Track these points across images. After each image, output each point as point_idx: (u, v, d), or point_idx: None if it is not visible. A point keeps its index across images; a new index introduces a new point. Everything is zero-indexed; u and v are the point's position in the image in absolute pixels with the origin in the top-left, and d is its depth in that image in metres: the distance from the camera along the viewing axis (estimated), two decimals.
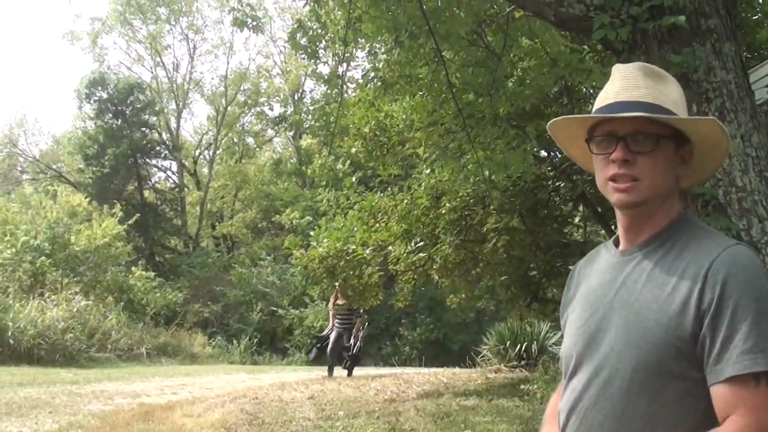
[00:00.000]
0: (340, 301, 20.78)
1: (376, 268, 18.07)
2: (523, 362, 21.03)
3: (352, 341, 21.05)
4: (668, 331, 2.14)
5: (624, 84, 2.37)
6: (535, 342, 21.55)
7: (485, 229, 17.45)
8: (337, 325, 21.29)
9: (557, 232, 18.38)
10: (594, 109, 2.42)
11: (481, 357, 23.49)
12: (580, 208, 17.94)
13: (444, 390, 16.22)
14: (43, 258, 27.81)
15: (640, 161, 2.27)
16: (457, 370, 22.01)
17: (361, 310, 21.92)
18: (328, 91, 13.47)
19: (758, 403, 2.02)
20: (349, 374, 20.62)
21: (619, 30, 6.96)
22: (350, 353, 20.94)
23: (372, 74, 14.07)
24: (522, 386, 16.09)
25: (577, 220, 19.26)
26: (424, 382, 17.62)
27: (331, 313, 22.09)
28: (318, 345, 21.76)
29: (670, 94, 2.35)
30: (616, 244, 2.48)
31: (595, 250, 2.63)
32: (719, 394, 2.08)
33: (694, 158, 2.38)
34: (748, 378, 2.02)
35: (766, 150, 6.75)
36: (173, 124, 54.16)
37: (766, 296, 2.09)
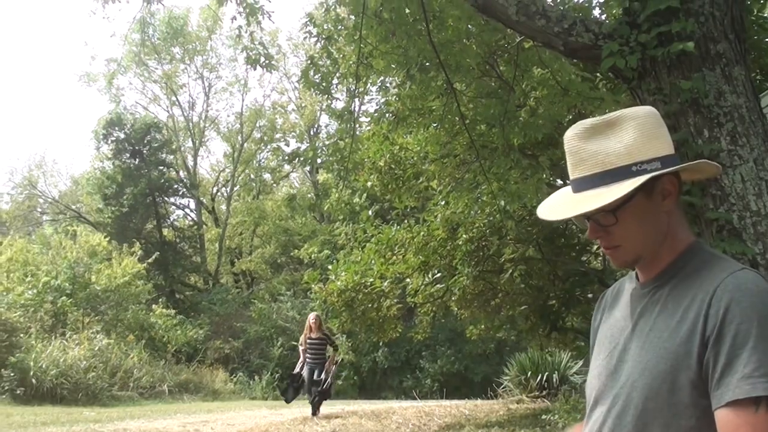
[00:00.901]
0: (312, 334, 18.94)
1: (395, 300, 18.07)
2: (544, 392, 20.93)
3: (323, 376, 18.80)
4: (677, 359, 2.14)
5: (572, 160, 2.38)
6: (556, 372, 21.46)
7: (502, 260, 17.45)
8: (308, 360, 19.07)
9: (575, 261, 18.35)
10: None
11: (503, 388, 23.43)
12: None
13: (466, 422, 16.16)
14: (64, 298, 27.93)
15: (612, 231, 2.31)
16: (478, 401, 21.95)
17: (336, 343, 20.50)
18: (341, 126, 13.53)
19: (757, 428, 2.01)
20: (315, 412, 18.87)
21: (628, 58, 6.97)
22: (319, 388, 18.75)
23: (385, 108, 14.14)
24: (544, 416, 16.02)
25: (595, 248, 19.19)
26: (445, 415, 17.56)
27: (301, 348, 19.64)
28: (294, 385, 19.48)
29: (622, 144, 2.31)
30: (638, 276, 2.47)
31: (621, 279, 2.63)
32: (721, 418, 2.06)
33: (690, 171, 2.38)
34: (749, 402, 2.00)
35: None
36: (190, 162, 54.48)
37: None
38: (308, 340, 19.01)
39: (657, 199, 2.31)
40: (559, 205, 2.39)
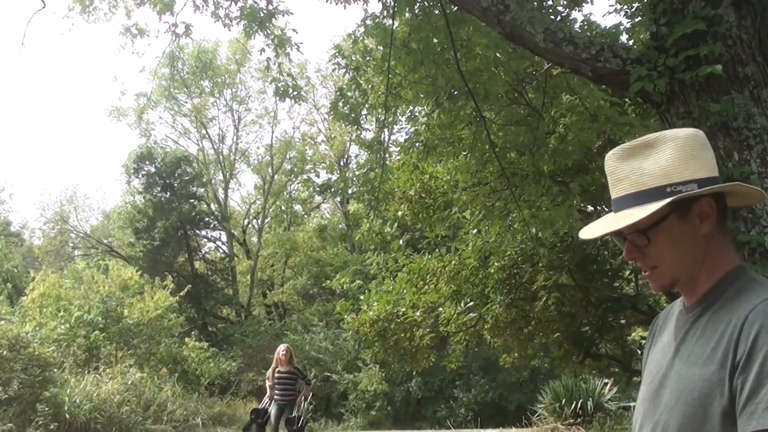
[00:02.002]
0: (281, 368, 17.58)
1: (427, 329, 18.05)
2: (579, 419, 20.84)
3: (295, 413, 17.23)
4: (711, 386, 2.13)
5: (611, 179, 2.40)
6: (590, 398, 21.37)
7: (535, 287, 17.41)
8: (277, 396, 17.47)
9: (607, 287, 18.28)
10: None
11: (537, 416, 23.33)
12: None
13: None
14: (96, 332, 28.01)
15: (647, 252, 2.31)
16: (513, 429, 21.89)
17: (310, 377, 18.98)
18: (371, 157, 13.57)
19: None
20: None
21: (656, 82, 6.97)
22: (294, 427, 17.06)
23: (414, 138, 14.17)
24: None
25: (627, 273, 19.11)
26: None
27: (268, 383, 17.98)
28: (258, 421, 17.61)
29: (658, 165, 2.31)
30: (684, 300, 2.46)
31: (673, 303, 2.60)
32: None
33: (720, 205, 2.33)
34: None
35: None
36: (221, 195, 54.68)
37: None
38: (276, 374, 17.66)
39: (694, 222, 2.30)
40: (596, 225, 2.41)
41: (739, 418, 2.05)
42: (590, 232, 2.41)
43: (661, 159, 2.31)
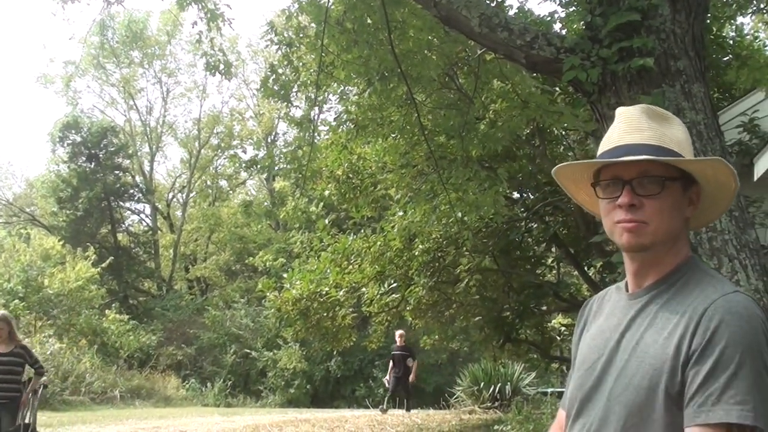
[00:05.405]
0: (1, 349, 11.51)
1: (350, 309, 18.02)
2: (496, 403, 20.99)
3: (19, 420, 11.76)
4: (660, 376, 2.14)
5: (627, 127, 2.36)
6: (508, 383, 21.53)
7: (458, 271, 17.46)
8: None
9: (530, 273, 18.39)
10: (599, 153, 2.42)
11: (455, 398, 23.46)
12: (553, 248, 17.98)
13: (418, 431, 16.18)
14: (16, 301, 27.67)
15: (646, 205, 2.26)
16: (431, 411, 21.97)
17: (40, 365, 12.46)
18: (300, 134, 13.48)
19: None
20: None
21: (589, 72, 7.02)
22: None
23: (345, 117, 14.13)
24: (496, 427, 16.04)
25: (549, 261, 19.27)
26: (398, 424, 17.54)
27: None
28: None
29: (675, 136, 2.35)
30: (627, 286, 2.45)
31: (607, 289, 2.62)
32: None
33: (701, 199, 2.37)
34: (720, 428, 2.02)
35: None
36: (147, 168, 54.22)
37: (754, 348, 2.07)
38: None
39: (685, 201, 2.33)
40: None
41: (687, 407, 2.08)
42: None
43: (676, 133, 2.37)
